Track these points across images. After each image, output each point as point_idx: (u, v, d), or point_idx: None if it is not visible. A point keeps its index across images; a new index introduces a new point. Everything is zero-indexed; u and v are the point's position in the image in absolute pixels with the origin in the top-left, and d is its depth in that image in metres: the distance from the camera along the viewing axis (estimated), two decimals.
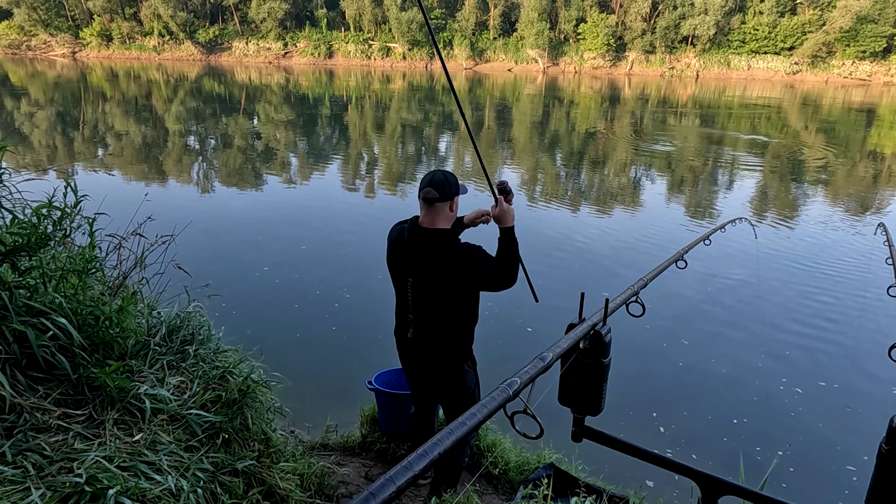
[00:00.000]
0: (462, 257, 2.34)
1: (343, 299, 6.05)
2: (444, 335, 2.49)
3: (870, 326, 5.83)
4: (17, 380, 1.80)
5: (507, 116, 24.53)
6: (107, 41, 50.84)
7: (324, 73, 44.58)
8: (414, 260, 2.40)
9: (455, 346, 2.53)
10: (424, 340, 2.52)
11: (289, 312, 5.73)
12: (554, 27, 52.01)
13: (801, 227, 9.62)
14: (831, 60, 49.08)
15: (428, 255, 2.36)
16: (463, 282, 2.37)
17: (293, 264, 6.99)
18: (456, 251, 2.36)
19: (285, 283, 6.42)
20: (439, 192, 2.31)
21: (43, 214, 2.09)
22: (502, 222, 2.37)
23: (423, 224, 2.37)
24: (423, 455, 0.67)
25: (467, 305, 2.48)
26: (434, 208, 2.34)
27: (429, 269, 2.37)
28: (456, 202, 2.42)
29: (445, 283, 2.37)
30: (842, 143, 19.80)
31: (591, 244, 8.20)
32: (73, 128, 17.42)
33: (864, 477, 1.13)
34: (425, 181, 2.36)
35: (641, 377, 4.84)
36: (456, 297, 2.42)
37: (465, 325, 2.51)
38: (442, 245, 2.35)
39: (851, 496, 3.56)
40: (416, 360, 2.62)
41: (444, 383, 2.61)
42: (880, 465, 1.07)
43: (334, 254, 7.46)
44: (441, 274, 2.35)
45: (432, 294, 2.42)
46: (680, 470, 1.25)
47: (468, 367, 2.60)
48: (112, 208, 2.66)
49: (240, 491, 2.03)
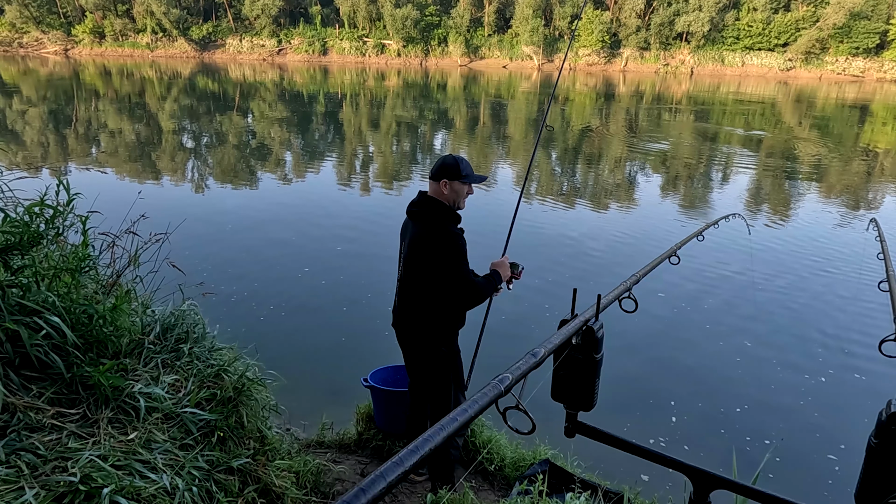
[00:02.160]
0: (441, 238, 2.50)
1: (338, 296, 6.04)
2: (418, 308, 2.62)
3: (860, 321, 5.88)
4: (10, 379, 1.79)
5: (501, 113, 24.52)
6: (99, 38, 50.45)
7: (318, 70, 44.41)
8: (409, 226, 2.63)
9: (430, 322, 2.63)
10: (403, 312, 2.68)
11: (284, 310, 5.72)
12: (548, 24, 51.99)
13: (793, 223, 9.67)
14: (825, 57, 49.25)
15: (420, 220, 2.57)
16: (430, 258, 2.51)
17: (288, 262, 6.98)
18: (440, 227, 2.53)
19: (280, 280, 6.41)
20: (432, 171, 2.60)
21: (35, 213, 2.08)
22: (499, 270, 2.70)
23: (428, 193, 2.62)
24: (414, 451, 0.67)
25: (440, 285, 2.57)
26: (430, 184, 2.61)
27: (418, 234, 2.55)
28: (445, 186, 2.56)
29: (421, 251, 2.53)
30: (835, 139, 19.89)
31: (584, 240, 8.22)
32: (65, 126, 17.30)
33: (854, 470, 1.14)
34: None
35: (634, 373, 4.86)
36: (427, 270, 2.54)
37: (439, 305, 2.60)
38: (433, 213, 2.55)
39: (842, 489, 3.59)
40: (400, 332, 2.76)
41: (419, 361, 2.75)
42: (870, 458, 1.08)
43: (329, 251, 7.45)
44: (425, 242, 2.52)
45: (411, 261, 2.57)
46: (672, 464, 1.25)
47: (444, 351, 2.68)
48: (105, 206, 2.65)
49: (235, 489, 2.03)
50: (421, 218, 2.57)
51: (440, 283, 2.53)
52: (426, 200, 2.58)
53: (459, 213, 2.62)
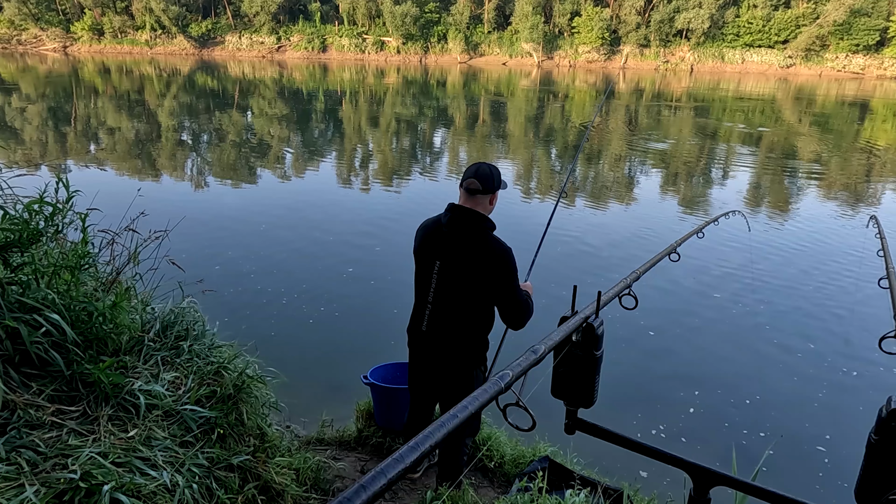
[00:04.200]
0: (492, 250, 2.33)
1: (338, 294, 6.04)
2: (459, 329, 2.45)
3: (860, 317, 5.88)
4: (10, 376, 1.79)
5: (501, 111, 24.49)
6: (98, 35, 50.31)
7: (317, 68, 44.33)
8: (447, 241, 2.37)
9: (469, 345, 2.48)
10: (439, 333, 2.47)
11: (284, 308, 5.72)
12: (548, 21, 51.87)
13: (793, 220, 9.67)
14: (825, 54, 49.15)
15: (462, 235, 2.35)
16: (485, 276, 2.33)
17: (288, 259, 6.98)
18: (489, 239, 2.35)
19: (280, 278, 6.40)
20: (482, 184, 2.34)
21: (34, 210, 2.08)
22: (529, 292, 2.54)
23: (464, 205, 2.38)
24: (414, 448, 0.67)
25: (486, 304, 2.44)
26: (475, 199, 2.36)
27: (460, 250, 2.35)
28: (496, 197, 2.43)
29: (472, 269, 2.34)
30: (835, 136, 19.88)
31: (584, 237, 8.21)
32: (64, 123, 17.27)
33: (854, 466, 1.14)
34: (470, 171, 2.38)
35: (634, 369, 4.87)
36: (478, 289, 2.37)
37: (481, 326, 2.47)
38: (478, 227, 2.34)
39: (842, 485, 3.60)
40: (428, 356, 2.56)
41: (452, 385, 2.55)
42: (869, 454, 1.08)
43: (330, 249, 7.45)
44: (470, 258, 2.34)
45: (457, 278, 2.38)
46: (672, 461, 1.25)
47: (479, 372, 2.54)
48: (104, 204, 2.64)
49: (235, 486, 2.03)
50: (465, 234, 2.34)
51: (496, 301, 2.38)
52: (468, 215, 2.34)
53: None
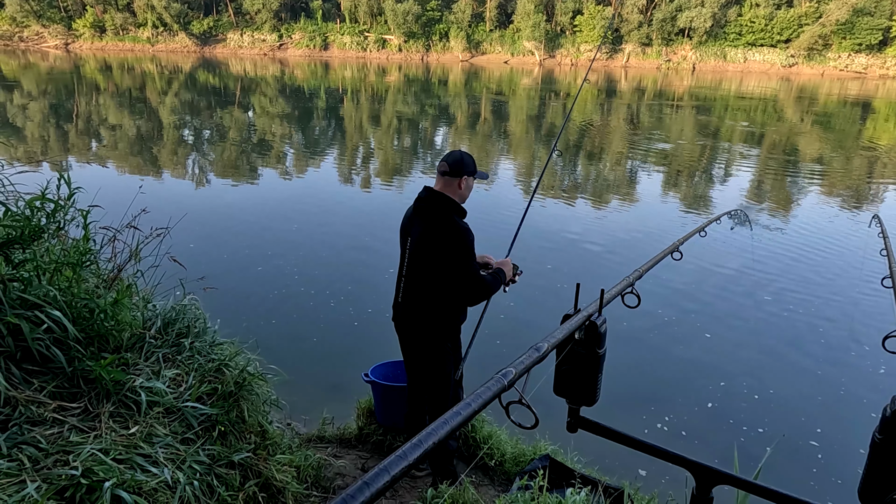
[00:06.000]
0: (450, 229, 2.50)
1: (339, 292, 6.04)
2: (427, 301, 2.61)
3: (864, 317, 5.87)
4: (11, 373, 1.79)
5: (502, 109, 24.46)
6: (100, 33, 50.31)
7: (319, 66, 44.30)
8: (416, 219, 2.59)
9: (437, 317, 2.62)
10: (410, 304, 2.65)
11: (285, 305, 5.72)
12: (550, 19, 51.78)
13: (795, 219, 9.65)
14: (827, 53, 49.02)
15: (428, 214, 2.55)
16: (442, 251, 2.50)
17: (289, 257, 6.98)
18: (450, 220, 2.52)
19: (281, 276, 6.41)
20: (450, 167, 2.57)
21: (36, 207, 2.07)
22: (504, 269, 2.69)
23: (434, 188, 2.60)
24: (418, 445, 0.67)
25: (449, 279, 2.57)
26: (443, 180, 2.59)
27: (426, 229, 2.53)
28: (464, 181, 2.59)
29: (433, 245, 2.52)
30: (837, 135, 19.83)
31: (587, 235, 8.21)
32: (66, 120, 17.28)
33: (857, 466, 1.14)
34: (444, 156, 2.63)
35: (637, 368, 4.86)
36: (438, 264, 2.53)
37: (447, 299, 2.60)
38: (441, 208, 2.53)
39: (845, 484, 3.59)
40: (402, 327, 2.73)
41: (421, 356, 2.72)
42: (873, 454, 1.08)
43: (331, 247, 7.45)
44: (432, 235, 2.51)
45: (422, 254, 2.56)
46: (674, 459, 1.25)
47: (448, 347, 2.68)
48: (106, 201, 2.64)
49: (236, 483, 2.03)
50: (429, 213, 2.54)
51: (448, 277, 2.52)
52: (435, 196, 2.56)
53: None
